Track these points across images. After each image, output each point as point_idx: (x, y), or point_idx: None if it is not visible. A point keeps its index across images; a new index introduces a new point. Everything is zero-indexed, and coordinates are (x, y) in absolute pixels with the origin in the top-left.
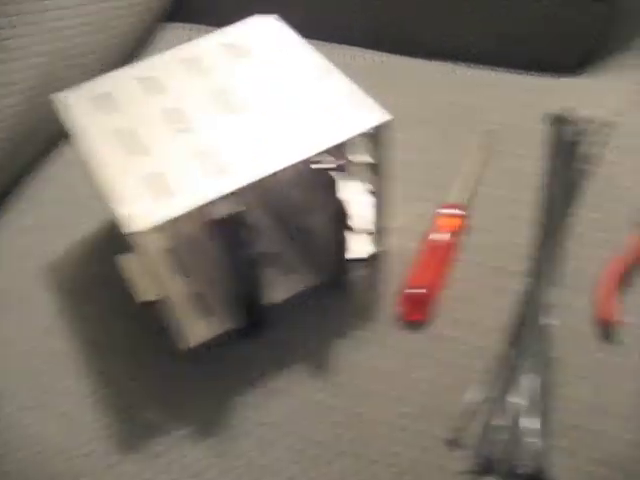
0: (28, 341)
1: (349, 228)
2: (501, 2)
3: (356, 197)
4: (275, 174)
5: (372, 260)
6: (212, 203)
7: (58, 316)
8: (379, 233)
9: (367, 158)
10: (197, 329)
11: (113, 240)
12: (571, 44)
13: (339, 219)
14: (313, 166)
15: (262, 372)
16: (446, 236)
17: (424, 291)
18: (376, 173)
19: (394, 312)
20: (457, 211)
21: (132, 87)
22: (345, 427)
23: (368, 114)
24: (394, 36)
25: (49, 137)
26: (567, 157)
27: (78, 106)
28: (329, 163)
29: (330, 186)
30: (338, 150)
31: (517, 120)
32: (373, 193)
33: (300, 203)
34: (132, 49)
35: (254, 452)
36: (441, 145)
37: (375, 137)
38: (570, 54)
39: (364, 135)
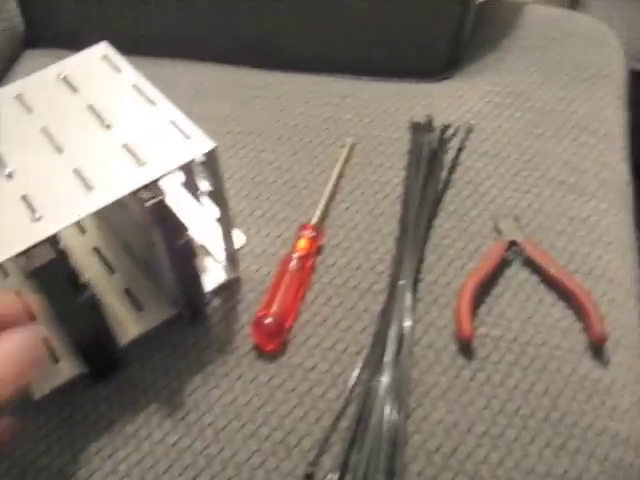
0: None
1: (196, 259)
2: (359, 11)
3: (207, 225)
4: (118, 208)
5: (226, 289)
6: (30, 251)
7: None
8: (231, 260)
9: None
10: (45, 377)
11: None
12: (433, 49)
13: (186, 251)
14: (148, 204)
15: (114, 417)
16: (301, 259)
17: (272, 320)
18: (217, 200)
19: (249, 343)
20: (313, 232)
21: None
22: (199, 469)
23: (192, 144)
24: (252, 50)
25: None
26: (427, 165)
27: None
28: (163, 195)
29: (171, 219)
30: (188, 179)
31: (378, 130)
32: (218, 220)
33: (148, 237)
34: None
35: None
36: (300, 162)
37: (207, 165)
38: (433, 59)
39: (200, 163)
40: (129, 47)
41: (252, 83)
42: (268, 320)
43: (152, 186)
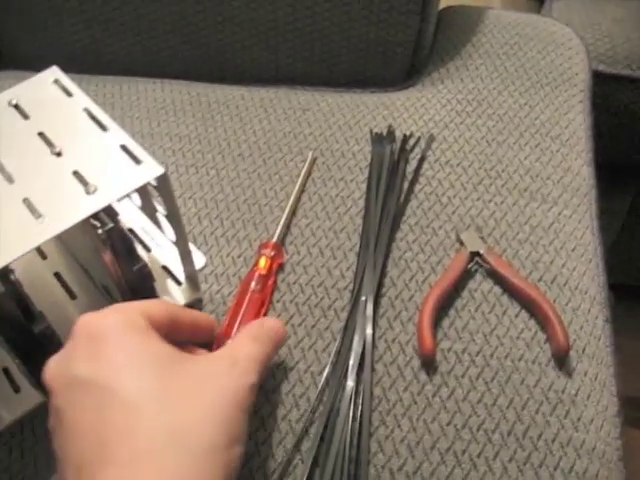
0: None
1: (155, 284)
2: (317, 23)
3: (168, 246)
4: (77, 232)
5: None
6: None
7: None
8: (192, 282)
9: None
10: (6, 408)
11: None
12: (393, 59)
13: (142, 277)
14: (100, 231)
15: None
16: (262, 278)
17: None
18: (172, 223)
19: None
20: (273, 250)
21: None
22: None
23: (142, 170)
24: (213, 65)
25: None
26: (388, 177)
27: None
28: (114, 223)
29: (125, 245)
30: (144, 202)
31: (340, 142)
32: (175, 243)
33: (103, 262)
34: None
35: None
36: (261, 178)
37: (159, 189)
38: (394, 69)
39: (152, 188)
40: (90, 66)
41: (213, 99)
42: (229, 342)
43: (103, 213)
